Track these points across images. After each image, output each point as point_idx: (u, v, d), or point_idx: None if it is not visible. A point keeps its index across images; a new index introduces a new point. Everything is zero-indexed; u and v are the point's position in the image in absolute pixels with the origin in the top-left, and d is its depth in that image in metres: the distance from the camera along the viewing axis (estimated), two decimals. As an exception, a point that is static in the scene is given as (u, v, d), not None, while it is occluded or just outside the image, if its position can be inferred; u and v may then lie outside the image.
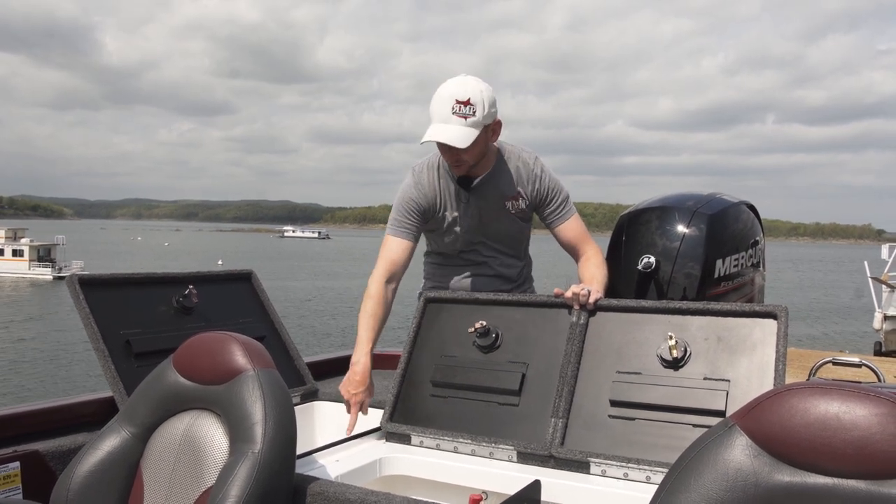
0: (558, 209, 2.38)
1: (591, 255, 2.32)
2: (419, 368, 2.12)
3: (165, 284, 2.30)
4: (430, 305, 2.24)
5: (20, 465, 1.74)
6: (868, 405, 1.03)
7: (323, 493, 1.56)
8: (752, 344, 1.77)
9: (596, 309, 1.99)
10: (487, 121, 2.16)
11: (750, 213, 2.35)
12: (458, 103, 2.11)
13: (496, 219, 2.40)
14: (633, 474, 1.70)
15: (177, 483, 1.55)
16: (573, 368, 1.90)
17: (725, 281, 2.19)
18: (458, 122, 2.12)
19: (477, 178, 2.32)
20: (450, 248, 2.48)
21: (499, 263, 2.48)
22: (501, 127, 2.25)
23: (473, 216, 2.38)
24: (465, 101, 2.11)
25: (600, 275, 2.22)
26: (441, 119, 2.14)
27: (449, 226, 2.41)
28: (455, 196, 2.36)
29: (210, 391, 1.60)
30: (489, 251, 2.47)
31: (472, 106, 2.11)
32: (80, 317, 2.04)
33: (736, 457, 1.10)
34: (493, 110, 2.17)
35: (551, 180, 2.37)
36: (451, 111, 2.12)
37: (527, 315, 2.08)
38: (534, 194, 2.37)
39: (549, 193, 2.37)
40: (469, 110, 2.11)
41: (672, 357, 1.79)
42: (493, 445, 1.88)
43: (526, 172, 2.36)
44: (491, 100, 2.16)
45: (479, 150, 2.21)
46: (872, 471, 1.01)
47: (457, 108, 2.11)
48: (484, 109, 2.13)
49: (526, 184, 2.36)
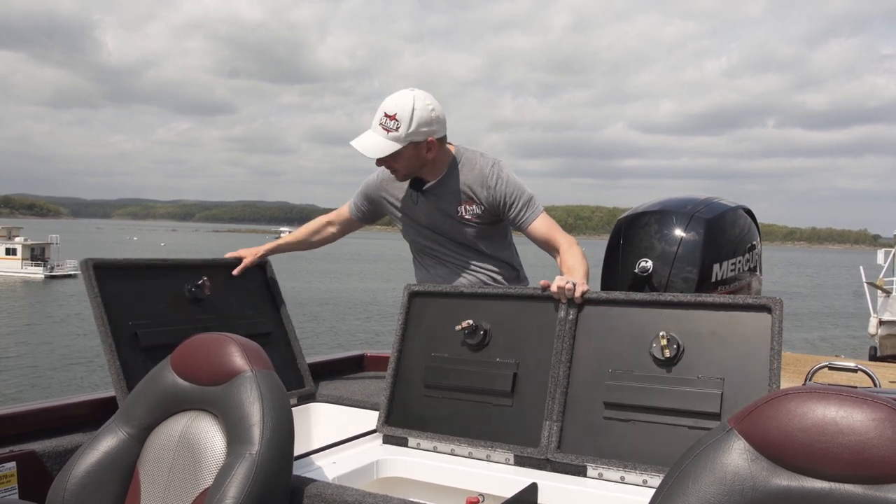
0: (522, 212, 2.39)
1: (566, 248, 2.32)
2: (410, 369, 2.12)
3: (180, 271, 2.30)
4: (415, 299, 2.22)
5: (16, 466, 1.73)
6: (865, 410, 1.04)
7: (320, 495, 1.56)
8: (746, 339, 1.73)
9: (584, 302, 1.96)
10: (414, 138, 2.24)
11: (747, 218, 2.36)
12: (386, 116, 2.23)
13: (446, 222, 2.45)
14: (630, 478, 1.70)
15: (174, 484, 1.55)
16: (565, 368, 1.89)
17: (722, 285, 2.19)
18: (381, 133, 2.24)
19: (428, 182, 2.41)
20: (409, 241, 2.62)
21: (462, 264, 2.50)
22: (437, 146, 2.31)
23: (421, 217, 2.49)
24: (392, 116, 2.22)
25: (580, 265, 2.21)
26: (372, 127, 2.27)
27: (399, 220, 2.57)
28: (407, 195, 2.49)
29: (208, 392, 1.60)
30: (450, 252, 2.52)
31: (397, 121, 2.21)
32: (91, 305, 2.03)
33: (733, 461, 1.10)
34: (424, 129, 2.24)
35: (509, 185, 2.37)
36: (378, 122, 2.25)
37: (514, 309, 2.05)
38: (490, 200, 2.39)
39: (508, 198, 2.38)
40: (392, 125, 2.22)
41: (665, 356, 1.77)
42: (490, 448, 1.88)
43: (480, 179, 2.39)
44: (423, 119, 2.23)
45: (407, 163, 2.31)
46: (869, 475, 1.01)
47: (383, 120, 2.23)
48: (409, 126, 2.21)
49: (480, 189, 2.39)
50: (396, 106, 2.21)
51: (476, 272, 2.52)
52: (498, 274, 2.54)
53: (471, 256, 2.51)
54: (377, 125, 2.24)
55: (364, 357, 3.05)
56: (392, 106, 2.22)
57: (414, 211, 2.49)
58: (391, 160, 2.28)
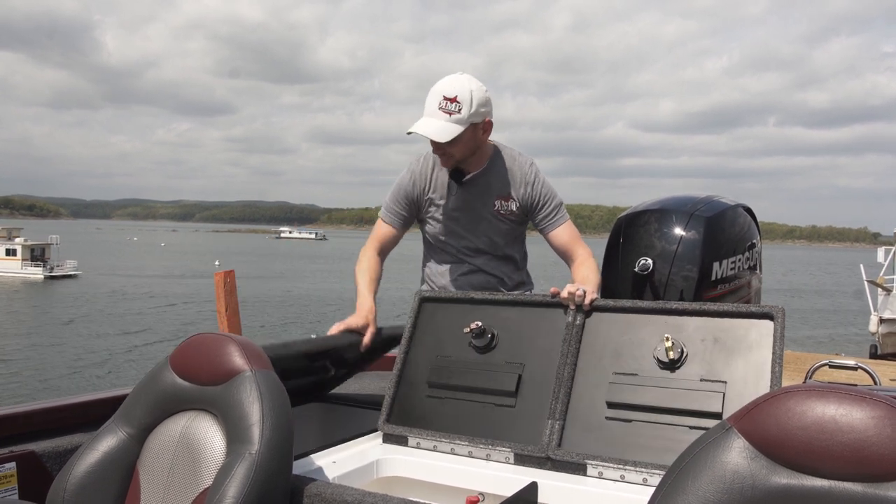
0: (551, 215, 2.41)
1: (583, 259, 2.35)
2: (415, 369, 2.12)
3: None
4: (425, 304, 2.23)
5: (16, 466, 1.73)
6: (865, 408, 1.03)
7: (320, 495, 1.56)
8: (749, 345, 1.77)
9: (592, 309, 1.99)
10: (475, 119, 2.22)
11: (747, 216, 2.36)
12: (445, 99, 2.19)
13: (483, 216, 2.43)
14: (630, 476, 1.70)
15: (174, 484, 1.55)
16: (570, 369, 1.90)
17: (722, 283, 2.19)
18: (443, 117, 2.20)
19: (469, 173, 2.37)
20: (436, 237, 2.53)
21: (484, 264, 2.49)
22: (492, 127, 2.30)
23: (460, 209, 2.44)
24: (452, 98, 2.19)
25: (593, 277, 2.25)
26: (428, 113, 2.22)
27: (435, 211, 2.48)
28: (446, 186, 2.43)
29: (207, 392, 1.60)
30: (474, 251, 2.49)
31: (458, 103, 2.18)
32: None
33: (733, 459, 1.10)
34: (482, 110, 2.22)
35: (545, 186, 2.40)
36: (438, 106, 2.20)
37: (522, 315, 2.08)
38: (525, 198, 2.40)
39: (542, 199, 2.40)
40: (454, 107, 2.18)
41: (668, 358, 1.79)
42: (490, 447, 1.88)
43: (520, 176, 2.39)
44: (481, 99, 2.21)
45: (465, 147, 2.27)
46: (869, 473, 1.01)
47: (443, 103, 2.19)
48: (471, 107, 2.19)
49: (518, 187, 2.39)
50: (455, 88, 2.20)
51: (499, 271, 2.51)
52: (510, 276, 2.54)
53: (496, 256, 2.50)
54: (436, 110, 2.20)
55: None
56: (451, 89, 2.20)
57: (453, 202, 2.44)
58: (449, 145, 2.24)
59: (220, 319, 3.37)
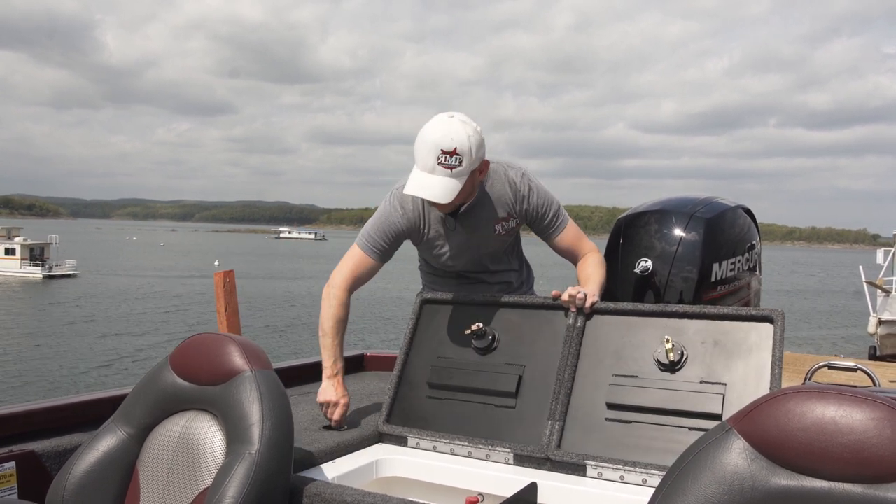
0: (551, 222, 2.33)
1: (589, 255, 2.32)
2: (415, 370, 2.12)
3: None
4: (427, 306, 2.24)
5: (16, 465, 1.73)
6: (865, 409, 1.03)
7: (320, 495, 1.56)
8: (749, 348, 1.77)
9: (593, 312, 2.00)
10: (474, 166, 2.06)
11: (747, 217, 2.36)
12: (444, 153, 1.99)
13: (485, 242, 2.35)
14: (630, 477, 1.70)
15: (173, 484, 1.55)
16: (570, 371, 1.91)
17: (722, 285, 2.19)
18: (443, 172, 2.00)
19: (463, 205, 2.21)
20: (441, 269, 2.44)
21: (492, 278, 2.46)
22: (488, 166, 2.16)
23: (462, 242, 2.32)
24: (451, 151, 1.99)
25: (597, 274, 2.21)
26: (426, 168, 2.02)
27: (437, 249, 2.35)
28: (442, 223, 2.29)
29: (207, 392, 1.60)
30: (482, 272, 2.43)
31: (459, 156, 1.99)
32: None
33: (733, 460, 1.10)
34: (480, 154, 2.07)
35: (540, 196, 2.30)
36: (436, 161, 1.99)
37: (523, 317, 2.09)
38: (523, 213, 2.31)
39: (540, 210, 2.31)
40: (455, 160, 1.99)
41: (669, 360, 1.80)
42: (489, 448, 1.88)
43: (514, 192, 2.28)
44: (478, 143, 2.04)
45: (464, 193, 2.10)
46: (869, 475, 1.01)
47: (442, 158, 1.99)
48: (471, 157, 2.01)
49: (515, 204, 2.29)
50: (453, 140, 1.99)
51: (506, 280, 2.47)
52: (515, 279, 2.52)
53: (502, 270, 2.46)
54: (436, 165, 1.99)
55: (364, 357, 3.06)
56: (449, 141, 1.99)
57: (451, 238, 2.31)
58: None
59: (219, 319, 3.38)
